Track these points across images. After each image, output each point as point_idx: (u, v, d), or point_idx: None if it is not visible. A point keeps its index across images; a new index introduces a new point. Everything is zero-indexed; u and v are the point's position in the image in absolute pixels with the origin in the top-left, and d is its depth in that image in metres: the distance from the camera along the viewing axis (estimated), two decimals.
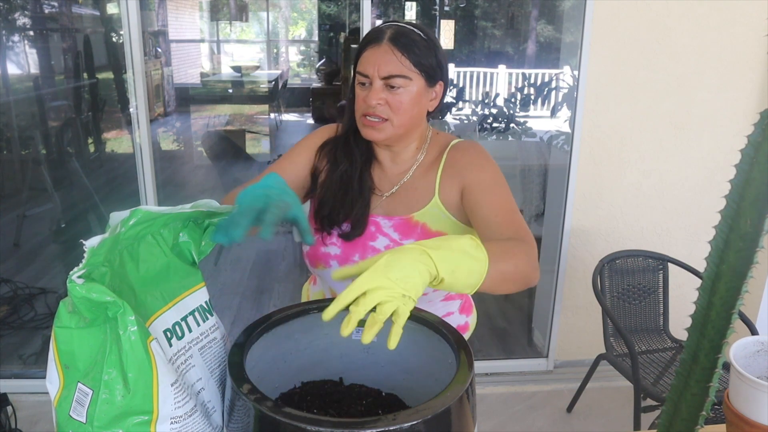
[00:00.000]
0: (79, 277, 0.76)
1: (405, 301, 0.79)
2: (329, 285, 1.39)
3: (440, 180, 1.30)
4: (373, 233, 1.31)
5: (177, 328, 0.89)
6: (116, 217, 0.85)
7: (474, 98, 7.91)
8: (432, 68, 1.25)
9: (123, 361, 0.77)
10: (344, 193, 1.31)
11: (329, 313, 0.79)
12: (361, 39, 1.31)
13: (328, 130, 1.40)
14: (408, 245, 0.83)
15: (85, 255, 0.78)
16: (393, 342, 0.79)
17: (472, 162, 1.29)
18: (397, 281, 0.78)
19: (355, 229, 1.30)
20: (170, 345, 0.87)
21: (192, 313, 0.92)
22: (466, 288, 0.87)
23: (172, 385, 0.82)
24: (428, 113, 1.33)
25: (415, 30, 1.25)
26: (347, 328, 0.78)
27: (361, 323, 1.12)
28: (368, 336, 0.78)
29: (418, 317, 1.05)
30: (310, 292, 1.52)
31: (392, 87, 1.21)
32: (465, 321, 1.46)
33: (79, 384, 0.79)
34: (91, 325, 0.78)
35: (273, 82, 8.64)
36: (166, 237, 0.93)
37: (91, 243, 0.78)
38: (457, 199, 1.28)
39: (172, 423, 0.82)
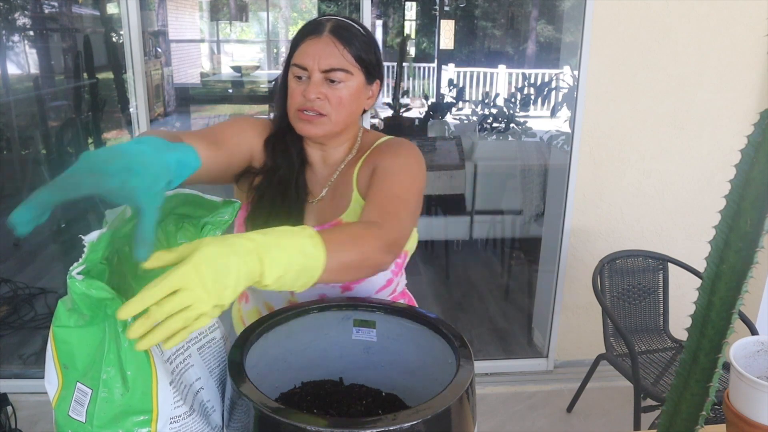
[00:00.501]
0: (79, 273, 0.75)
1: (213, 312, 0.68)
2: (264, 299, 1.30)
3: (358, 172, 1.24)
4: None
5: None
6: (112, 213, 0.84)
7: (474, 98, 7.92)
8: (372, 65, 1.21)
9: (122, 359, 0.77)
10: (282, 200, 1.23)
11: (127, 311, 0.64)
12: (299, 30, 1.23)
13: (265, 124, 1.29)
14: (239, 239, 0.71)
15: (85, 250, 0.77)
16: (171, 343, 0.66)
17: (390, 150, 1.24)
18: (212, 289, 0.67)
19: None
20: None
21: None
22: (295, 288, 0.79)
23: (170, 384, 0.82)
24: (363, 112, 1.28)
25: (355, 25, 1.21)
26: (137, 331, 0.64)
27: (359, 323, 1.12)
28: (146, 343, 0.65)
29: (418, 317, 1.05)
30: (242, 312, 1.37)
31: (332, 81, 1.16)
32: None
33: (78, 384, 0.79)
34: (90, 324, 0.78)
35: (273, 82, 8.64)
36: (166, 231, 0.92)
37: (90, 238, 0.77)
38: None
39: (171, 422, 0.82)
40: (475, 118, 5.89)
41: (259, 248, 0.72)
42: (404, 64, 8.15)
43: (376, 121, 5.76)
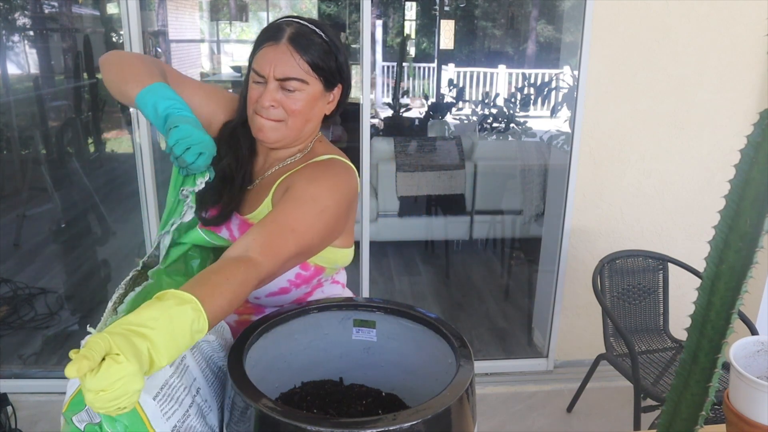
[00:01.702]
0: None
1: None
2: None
3: (279, 183, 1.22)
4: (228, 224, 1.25)
5: None
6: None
7: (474, 98, 7.91)
8: (331, 72, 1.20)
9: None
10: (222, 186, 1.23)
11: (71, 374, 0.68)
12: (260, 32, 1.22)
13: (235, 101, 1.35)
14: (128, 342, 0.72)
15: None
16: (69, 371, 0.68)
17: (313, 174, 1.20)
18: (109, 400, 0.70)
19: (219, 218, 1.23)
20: None
21: None
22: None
23: (154, 399, 0.81)
24: (326, 116, 1.27)
25: (317, 30, 1.19)
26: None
27: (359, 323, 1.13)
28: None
29: (418, 317, 1.05)
30: None
31: (287, 89, 1.16)
32: None
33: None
34: None
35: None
36: None
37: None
38: None
39: None
40: (475, 118, 5.89)
41: (151, 351, 0.74)
42: (404, 64, 8.15)
43: (375, 121, 5.76)
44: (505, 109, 5.61)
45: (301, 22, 1.19)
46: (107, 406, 0.69)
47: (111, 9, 4.81)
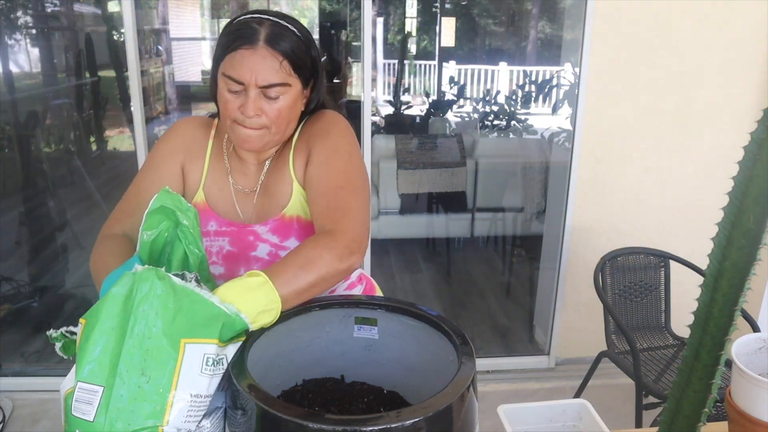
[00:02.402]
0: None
1: None
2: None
3: (293, 161, 1.19)
4: (252, 242, 1.21)
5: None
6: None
7: (475, 96, 7.91)
8: (308, 70, 1.15)
9: (144, 359, 0.80)
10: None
11: None
12: (226, 29, 1.14)
13: (187, 126, 1.27)
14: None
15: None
16: None
17: (320, 128, 1.19)
18: None
19: (235, 246, 1.21)
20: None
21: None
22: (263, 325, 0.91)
23: (191, 396, 0.82)
24: (302, 113, 1.22)
25: (290, 27, 1.13)
26: None
27: (360, 320, 1.12)
28: None
29: (420, 314, 1.05)
30: None
31: (269, 96, 1.10)
32: None
33: (80, 383, 0.80)
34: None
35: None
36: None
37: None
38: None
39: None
40: (476, 115, 5.88)
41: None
42: (405, 61, 8.14)
43: (376, 118, 5.75)
44: (506, 107, 5.60)
45: (272, 18, 1.12)
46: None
47: (112, 7, 4.81)
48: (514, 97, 6.21)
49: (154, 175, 1.21)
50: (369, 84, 2.75)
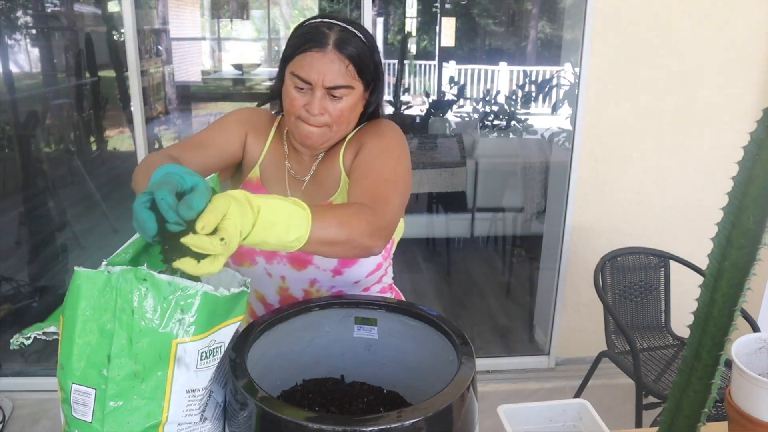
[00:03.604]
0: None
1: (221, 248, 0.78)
2: (254, 287, 1.31)
3: (344, 153, 1.26)
4: None
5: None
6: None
7: (475, 96, 7.90)
8: (371, 74, 1.22)
9: (136, 356, 0.79)
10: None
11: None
12: (296, 31, 1.21)
13: (255, 110, 1.35)
14: (248, 201, 0.82)
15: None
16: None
17: (375, 131, 1.26)
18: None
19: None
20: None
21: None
22: (279, 247, 0.87)
23: (187, 392, 0.81)
24: (360, 115, 1.28)
25: (357, 33, 1.19)
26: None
27: (360, 320, 1.12)
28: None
29: (420, 314, 1.05)
30: None
31: (334, 96, 1.17)
32: None
33: (74, 385, 0.80)
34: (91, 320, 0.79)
35: (273, 80, 8.62)
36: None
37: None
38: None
39: (179, 426, 0.82)
40: (476, 115, 5.88)
41: (255, 207, 0.82)
42: (405, 61, 8.14)
43: None
44: (506, 107, 5.60)
45: (341, 24, 1.19)
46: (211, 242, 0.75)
47: (112, 7, 4.82)
48: (514, 97, 6.21)
49: (221, 131, 1.27)
50: None
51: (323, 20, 1.20)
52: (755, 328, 2.42)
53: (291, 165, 1.31)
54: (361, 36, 1.20)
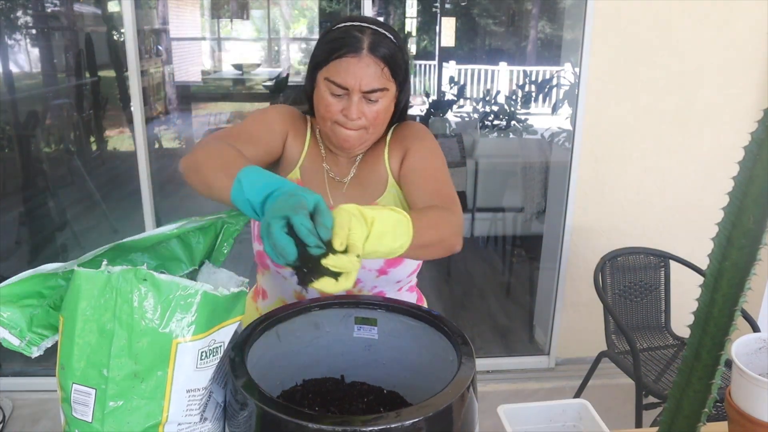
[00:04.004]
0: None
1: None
2: (293, 288, 1.31)
3: (389, 158, 1.28)
4: None
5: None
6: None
7: (475, 95, 7.90)
8: (403, 74, 1.23)
9: (135, 356, 0.79)
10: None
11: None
12: (328, 36, 1.20)
13: (292, 111, 1.33)
14: (362, 214, 0.85)
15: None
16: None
17: (413, 134, 1.29)
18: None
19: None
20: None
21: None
22: (384, 255, 0.90)
23: (188, 392, 0.81)
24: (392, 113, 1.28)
25: (388, 34, 1.20)
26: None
27: (360, 320, 1.12)
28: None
29: (420, 314, 1.05)
30: (260, 310, 1.38)
31: (370, 100, 1.18)
32: None
33: (75, 385, 0.79)
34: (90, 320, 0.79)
35: (274, 80, 8.64)
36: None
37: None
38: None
39: (179, 426, 0.82)
40: (476, 115, 5.88)
41: (369, 219, 0.86)
42: None
43: None
44: (506, 107, 5.60)
45: (372, 27, 1.19)
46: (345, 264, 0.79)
47: (112, 7, 4.81)
48: (514, 97, 6.20)
49: (265, 126, 1.25)
50: None
51: (353, 24, 1.20)
52: (755, 328, 2.42)
53: (330, 167, 1.30)
54: (391, 37, 1.20)
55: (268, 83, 8.54)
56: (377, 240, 0.85)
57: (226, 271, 0.97)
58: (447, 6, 7.65)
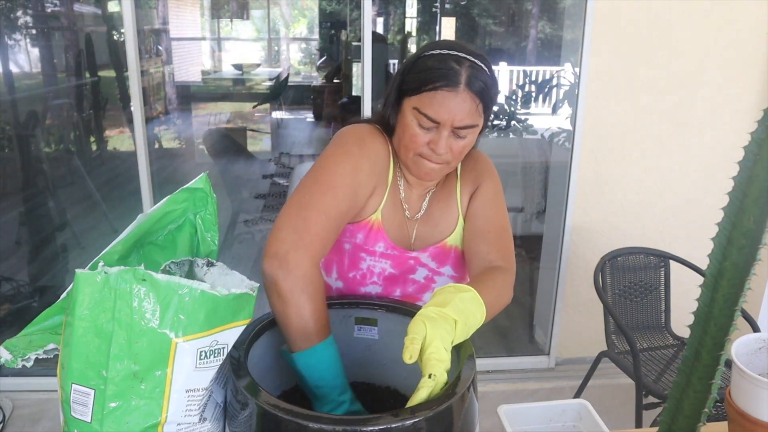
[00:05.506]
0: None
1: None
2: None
3: (461, 193, 1.26)
4: (412, 266, 1.24)
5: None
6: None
7: None
8: (492, 106, 1.17)
9: (135, 356, 0.79)
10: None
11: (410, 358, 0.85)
12: (421, 62, 1.12)
13: (381, 147, 1.21)
14: (443, 317, 0.89)
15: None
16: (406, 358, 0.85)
17: (485, 167, 1.29)
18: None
19: (396, 269, 1.23)
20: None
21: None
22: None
23: (187, 392, 0.81)
24: None
25: (484, 67, 1.12)
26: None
27: (360, 321, 1.13)
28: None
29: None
30: None
31: (459, 135, 1.12)
32: None
33: (74, 385, 0.79)
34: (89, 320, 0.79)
35: (274, 80, 8.64)
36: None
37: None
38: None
39: (178, 426, 0.82)
40: None
41: (454, 329, 0.90)
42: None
43: None
44: (506, 107, 5.60)
45: (470, 58, 1.11)
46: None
47: (112, 7, 4.82)
48: (514, 97, 6.20)
49: (352, 177, 1.13)
50: (369, 83, 2.75)
51: (450, 53, 1.11)
52: (755, 328, 2.42)
53: (408, 205, 1.25)
54: (487, 69, 1.13)
55: (269, 83, 8.54)
56: (464, 334, 0.92)
57: (239, 274, 0.96)
58: (447, 6, 7.64)
